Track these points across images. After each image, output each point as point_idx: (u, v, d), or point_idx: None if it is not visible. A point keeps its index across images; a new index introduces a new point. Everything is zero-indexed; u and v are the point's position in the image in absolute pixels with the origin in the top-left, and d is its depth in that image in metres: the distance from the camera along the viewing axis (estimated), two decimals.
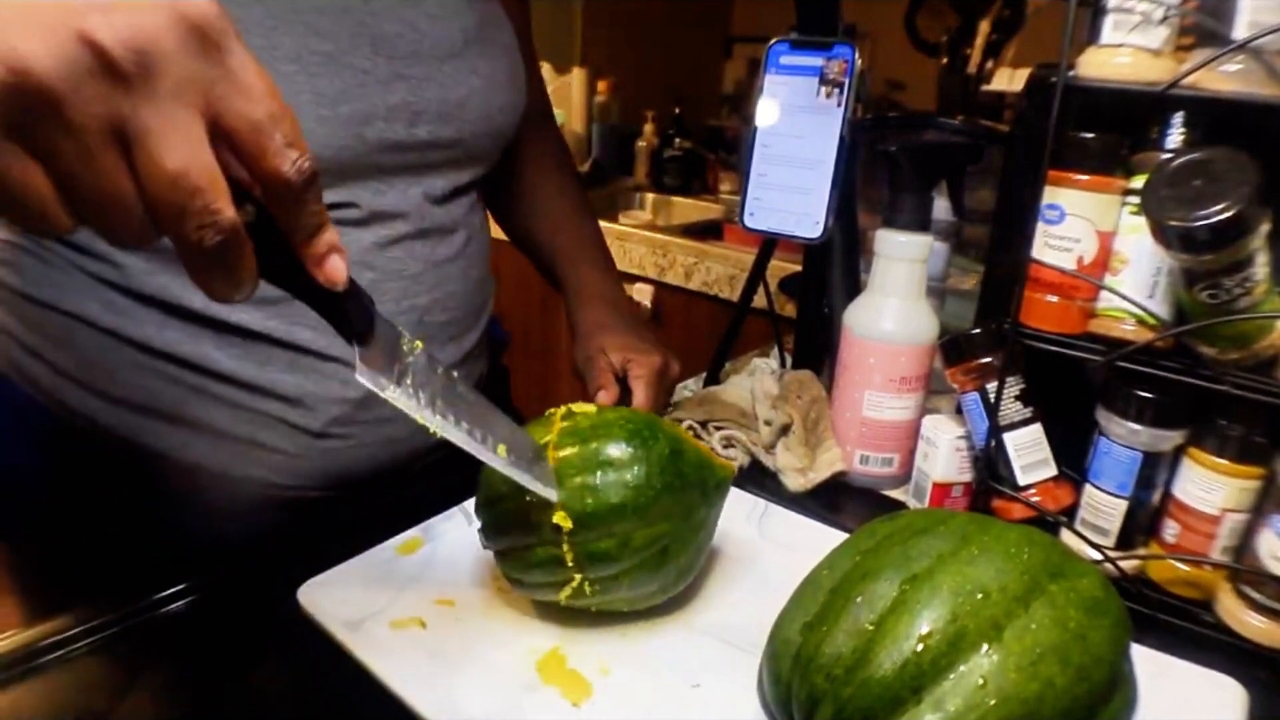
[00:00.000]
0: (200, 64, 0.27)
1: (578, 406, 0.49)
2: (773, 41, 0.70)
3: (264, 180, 0.29)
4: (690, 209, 2.17)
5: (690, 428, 0.71)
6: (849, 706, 0.33)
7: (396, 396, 0.37)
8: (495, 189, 0.82)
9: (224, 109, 0.28)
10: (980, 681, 0.32)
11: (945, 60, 1.70)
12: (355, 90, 0.55)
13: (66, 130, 0.25)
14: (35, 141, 0.25)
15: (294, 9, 0.52)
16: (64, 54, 0.24)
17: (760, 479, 0.67)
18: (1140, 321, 0.53)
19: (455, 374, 0.43)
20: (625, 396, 0.69)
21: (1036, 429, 0.58)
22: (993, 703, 0.31)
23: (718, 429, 0.71)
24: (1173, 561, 0.54)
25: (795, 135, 0.70)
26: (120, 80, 0.25)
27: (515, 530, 0.45)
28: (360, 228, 0.59)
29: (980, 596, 0.33)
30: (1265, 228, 0.45)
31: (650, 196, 2.24)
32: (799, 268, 0.82)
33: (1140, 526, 0.56)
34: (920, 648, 0.32)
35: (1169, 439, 0.53)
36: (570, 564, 0.44)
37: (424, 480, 0.67)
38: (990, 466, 0.59)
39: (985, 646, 0.32)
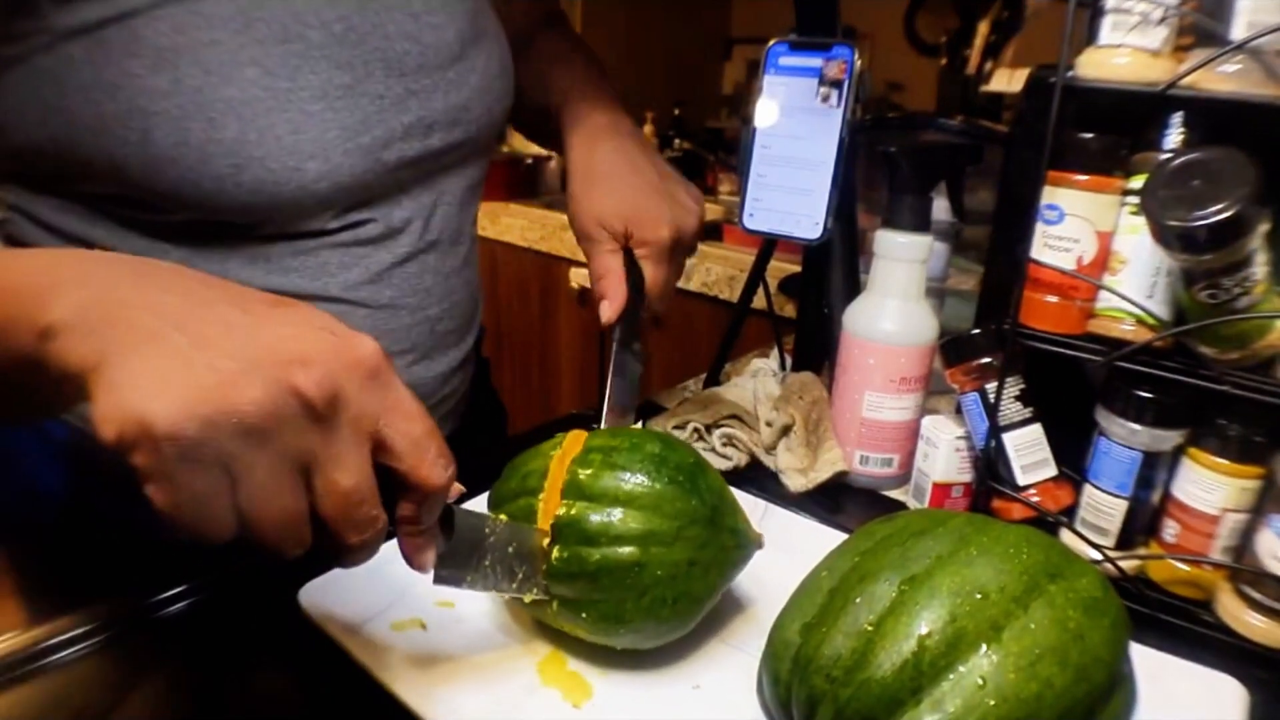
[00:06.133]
0: (373, 398, 0.33)
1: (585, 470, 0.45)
2: (772, 42, 0.70)
3: (418, 484, 0.35)
4: None
5: (695, 429, 0.71)
6: (848, 708, 0.33)
7: (475, 582, 0.42)
8: None
9: (390, 432, 0.33)
10: (979, 682, 0.32)
11: (945, 61, 1.70)
12: (374, 117, 0.56)
13: (267, 458, 0.30)
14: (238, 466, 0.30)
15: (316, 45, 0.52)
16: (278, 402, 0.30)
17: (761, 479, 0.67)
18: (1140, 321, 0.53)
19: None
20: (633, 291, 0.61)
21: (1036, 429, 0.58)
22: (992, 703, 0.31)
23: (718, 427, 0.71)
24: (1173, 561, 0.54)
25: (795, 136, 0.70)
26: (316, 420, 0.31)
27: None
28: (378, 245, 0.59)
29: (979, 597, 0.33)
30: (1264, 227, 0.45)
31: None
32: (799, 268, 0.82)
33: (1140, 526, 0.56)
34: (919, 649, 0.33)
35: (1169, 439, 0.53)
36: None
37: None
38: (990, 467, 0.59)
39: (984, 647, 0.32)
